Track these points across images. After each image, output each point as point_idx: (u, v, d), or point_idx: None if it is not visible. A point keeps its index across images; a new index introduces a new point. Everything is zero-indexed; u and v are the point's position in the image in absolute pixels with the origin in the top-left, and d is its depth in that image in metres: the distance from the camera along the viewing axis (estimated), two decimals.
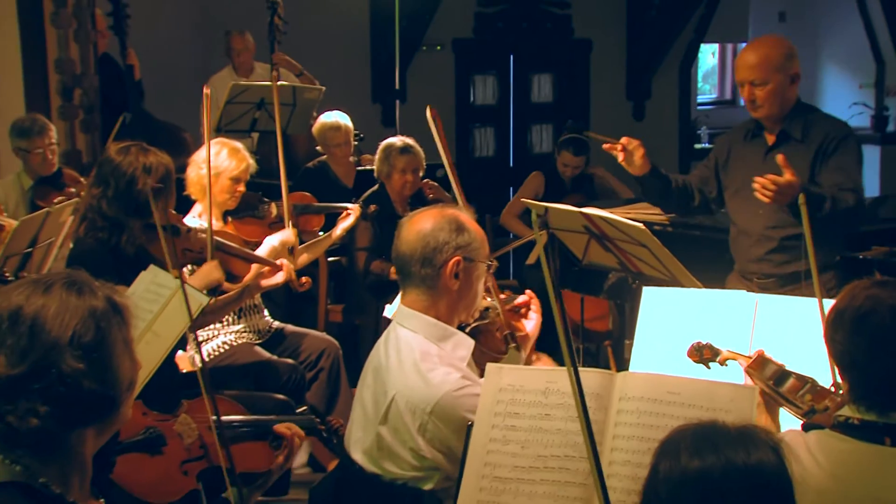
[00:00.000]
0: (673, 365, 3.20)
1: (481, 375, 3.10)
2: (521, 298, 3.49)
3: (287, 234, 5.07)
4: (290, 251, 4.91)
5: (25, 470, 1.96)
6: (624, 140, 4.55)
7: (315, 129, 6.96)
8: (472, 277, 3.11)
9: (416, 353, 3.02)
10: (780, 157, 4.12)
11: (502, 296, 3.51)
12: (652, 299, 3.64)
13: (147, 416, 2.77)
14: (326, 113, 6.96)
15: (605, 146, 4.64)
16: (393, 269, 5.98)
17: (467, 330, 3.20)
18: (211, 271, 4.33)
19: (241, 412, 2.95)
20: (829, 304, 3.30)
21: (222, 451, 2.44)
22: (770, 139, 4.51)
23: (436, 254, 3.04)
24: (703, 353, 3.17)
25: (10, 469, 1.96)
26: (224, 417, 2.75)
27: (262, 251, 4.87)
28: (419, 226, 3.10)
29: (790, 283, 4.37)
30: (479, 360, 3.18)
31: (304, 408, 3.78)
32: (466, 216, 3.17)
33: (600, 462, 2.38)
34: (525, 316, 3.47)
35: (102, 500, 2.11)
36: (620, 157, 4.56)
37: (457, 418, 2.88)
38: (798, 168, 4.33)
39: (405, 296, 3.15)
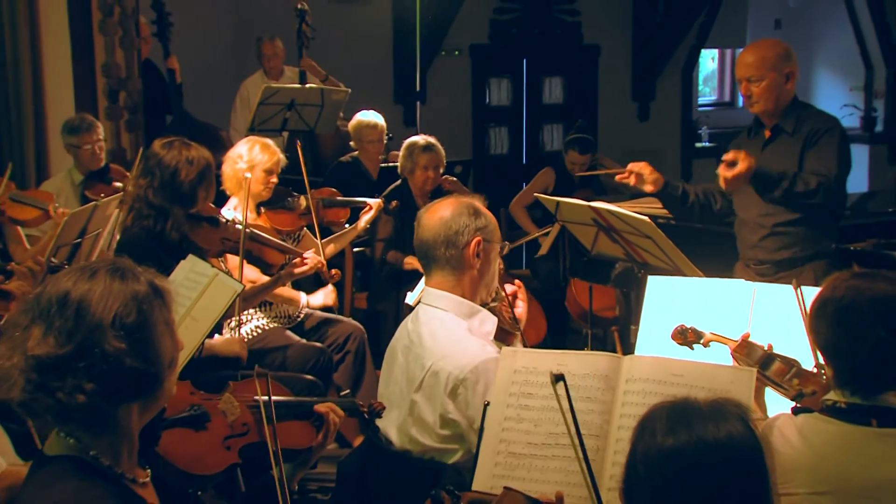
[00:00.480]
0: (676, 349, 3.19)
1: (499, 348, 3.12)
2: (510, 288, 3.48)
3: (326, 297, 5.17)
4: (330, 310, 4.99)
5: (78, 443, 1.98)
6: (630, 165, 4.54)
7: (352, 125, 6.94)
8: (490, 257, 3.15)
9: (449, 328, 3.06)
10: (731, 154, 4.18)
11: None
12: (656, 288, 3.63)
13: (194, 395, 2.77)
14: (364, 112, 6.94)
15: (616, 178, 4.63)
16: (406, 260, 6.02)
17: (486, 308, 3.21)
18: (231, 344, 4.29)
19: (285, 393, 2.94)
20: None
21: (269, 429, 2.45)
22: (767, 134, 4.52)
23: (458, 236, 3.08)
24: (687, 336, 3.16)
25: (64, 442, 1.99)
26: (267, 397, 2.75)
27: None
28: (440, 213, 3.13)
29: (785, 269, 4.37)
30: (499, 337, 3.22)
31: (347, 391, 3.78)
32: (480, 203, 3.20)
33: (585, 446, 2.46)
34: (514, 304, 3.46)
35: (149, 470, 2.13)
36: (632, 180, 4.53)
37: (485, 387, 2.89)
38: (788, 159, 4.35)
39: (430, 279, 3.17)
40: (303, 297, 5.18)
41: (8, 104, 6.58)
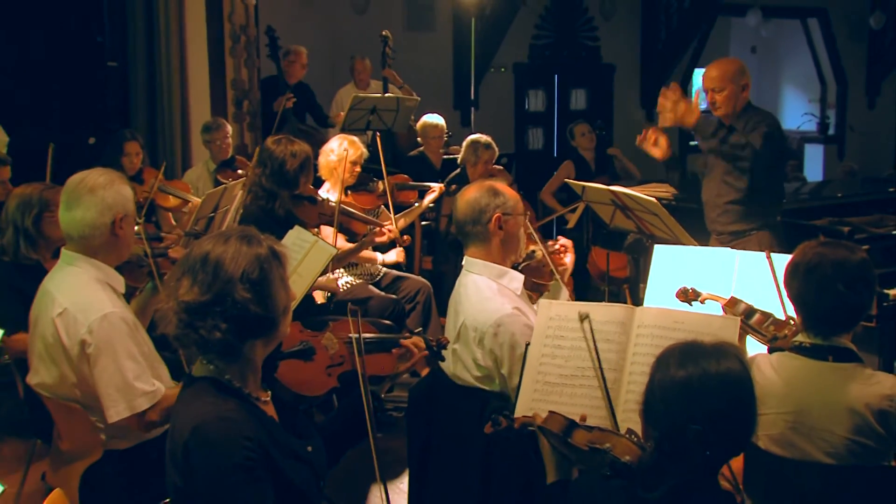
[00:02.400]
0: (676, 303, 3.14)
1: (533, 300, 3.06)
2: (560, 243, 3.47)
3: (398, 255, 5.12)
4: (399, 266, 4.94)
5: (216, 369, 2.00)
6: (656, 131, 4.51)
7: (420, 124, 6.90)
8: (511, 228, 3.04)
9: (480, 288, 3.00)
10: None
11: (550, 242, 3.49)
12: (661, 254, 3.58)
13: (303, 333, 2.78)
14: (429, 115, 6.90)
15: (638, 138, 4.55)
16: None
17: (519, 268, 3.15)
18: (330, 282, 4.32)
19: (373, 331, 2.93)
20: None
21: (359, 359, 2.45)
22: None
23: (481, 214, 3.00)
24: (688, 295, 3.12)
25: (206, 368, 2.01)
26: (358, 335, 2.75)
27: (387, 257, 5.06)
28: (466, 197, 3.06)
29: (737, 238, 4.33)
30: (532, 288, 3.18)
31: (419, 329, 3.77)
32: (502, 184, 3.11)
33: (606, 379, 2.44)
34: (563, 256, 3.42)
35: (269, 391, 2.14)
36: (652, 139, 4.48)
37: (505, 335, 2.86)
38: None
39: (467, 250, 3.11)
40: (379, 256, 5.13)
41: (162, 111, 6.70)
